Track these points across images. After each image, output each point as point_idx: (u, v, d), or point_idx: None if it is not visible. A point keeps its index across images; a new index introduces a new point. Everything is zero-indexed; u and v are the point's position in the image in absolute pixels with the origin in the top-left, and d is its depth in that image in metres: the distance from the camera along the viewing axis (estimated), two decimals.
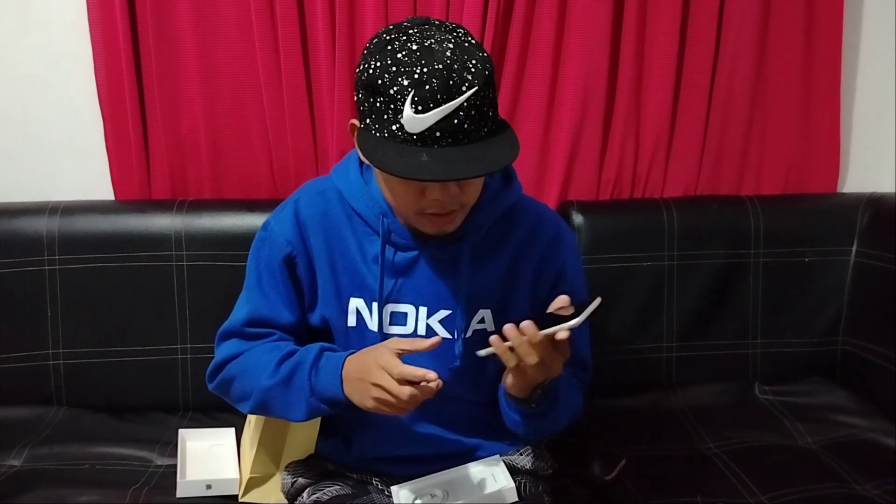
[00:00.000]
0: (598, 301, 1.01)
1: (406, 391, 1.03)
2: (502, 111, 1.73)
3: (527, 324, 1.00)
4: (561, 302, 1.04)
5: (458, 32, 1.04)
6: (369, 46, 1.05)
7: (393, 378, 1.03)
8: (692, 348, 1.76)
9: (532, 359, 1.01)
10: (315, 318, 1.24)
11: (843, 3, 1.80)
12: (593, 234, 1.72)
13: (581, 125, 1.77)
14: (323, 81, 1.71)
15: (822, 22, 1.80)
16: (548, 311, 1.04)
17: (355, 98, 1.07)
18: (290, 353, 1.18)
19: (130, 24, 1.65)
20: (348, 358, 1.12)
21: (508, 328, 1.02)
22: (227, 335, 1.25)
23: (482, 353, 1.05)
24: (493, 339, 1.03)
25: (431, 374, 1.03)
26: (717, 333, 1.77)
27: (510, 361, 1.03)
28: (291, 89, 1.69)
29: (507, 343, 1.02)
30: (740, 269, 1.76)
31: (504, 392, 1.16)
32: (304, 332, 1.25)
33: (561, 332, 1.00)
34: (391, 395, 1.04)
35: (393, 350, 1.06)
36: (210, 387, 1.28)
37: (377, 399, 1.06)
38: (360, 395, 1.08)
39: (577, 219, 1.73)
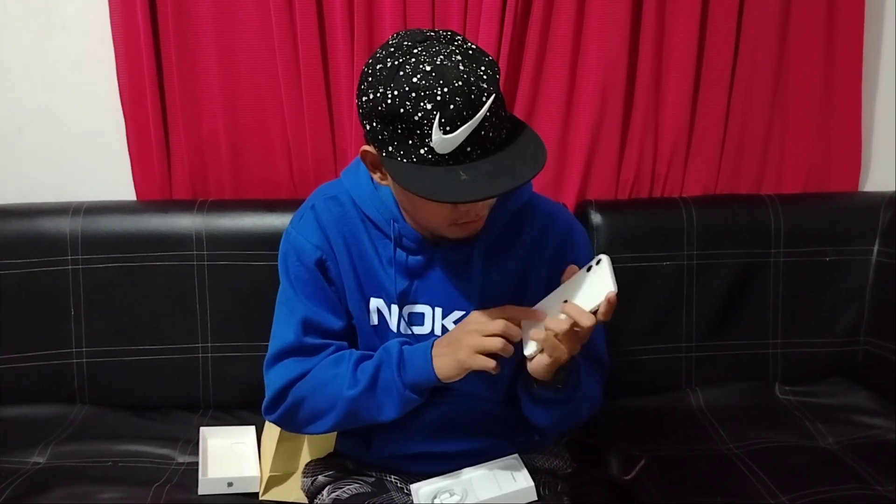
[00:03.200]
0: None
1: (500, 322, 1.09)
2: (521, 111, 1.74)
3: (571, 312, 1.04)
4: (571, 272, 1.10)
5: (457, 40, 1.03)
6: (375, 74, 1.00)
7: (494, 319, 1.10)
8: (712, 348, 1.76)
9: (570, 344, 1.07)
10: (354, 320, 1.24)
11: (865, 0, 1.78)
12: (612, 234, 1.71)
13: (599, 124, 1.76)
14: (342, 82, 1.71)
15: (843, 18, 1.78)
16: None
17: (367, 127, 1.04)
18: (362, 358, 1.17)
19: (152, 26, 1.66)
20: (435, 342, 1.15)
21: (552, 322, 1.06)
22: (281, 356, 1.20)
23: (528, 353, 1.09)
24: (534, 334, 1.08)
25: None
26: (736, 333, 1.76)
27: (556, 352, 1.06)
28: (310, 90, 1.70)
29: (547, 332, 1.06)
30: (760, 268, 1.75)
31: (526, 387, 1.17)
32: (354, 338, 1.23)
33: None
34: (486, 330, 1.09)
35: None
36: (271, 418, 1.22)
37: (471, 346, 1.09)
38: (453, 355, 1.11)
39: (596, 218, 1.72)
